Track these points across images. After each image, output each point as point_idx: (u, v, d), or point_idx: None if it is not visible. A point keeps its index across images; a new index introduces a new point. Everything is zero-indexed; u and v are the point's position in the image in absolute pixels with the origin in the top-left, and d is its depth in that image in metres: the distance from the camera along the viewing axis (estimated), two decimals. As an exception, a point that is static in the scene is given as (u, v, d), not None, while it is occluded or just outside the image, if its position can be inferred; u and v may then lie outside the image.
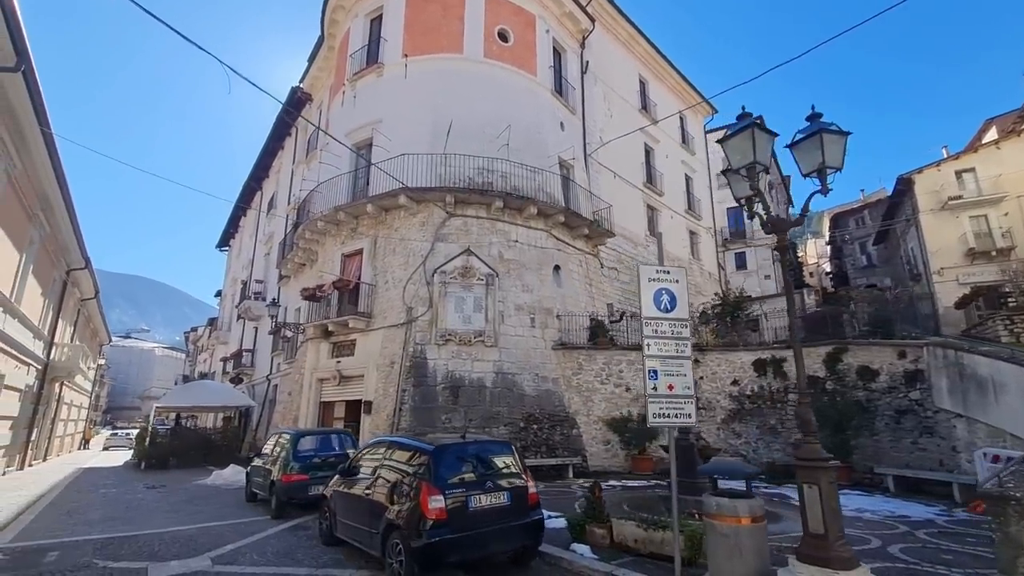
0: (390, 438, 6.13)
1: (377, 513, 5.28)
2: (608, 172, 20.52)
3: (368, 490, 5.58)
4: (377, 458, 5.90)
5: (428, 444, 5.28)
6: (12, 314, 12.73)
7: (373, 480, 5.63)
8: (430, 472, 4.92)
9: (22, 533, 7.10)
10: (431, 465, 4.98)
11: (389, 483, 5.38)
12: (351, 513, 5.91)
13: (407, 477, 5.20)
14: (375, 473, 5.71)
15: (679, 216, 25.50)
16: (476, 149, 14.80)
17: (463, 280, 13.48)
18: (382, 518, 5.14)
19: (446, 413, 12.27)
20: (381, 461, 5.72)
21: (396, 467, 5.47)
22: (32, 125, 9.79)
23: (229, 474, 12.77)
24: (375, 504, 5.37)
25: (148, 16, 6.00)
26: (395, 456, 5.60)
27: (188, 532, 7.21)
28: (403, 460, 5.44)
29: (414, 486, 4.98)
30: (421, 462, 5.13)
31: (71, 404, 26.94)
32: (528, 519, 5.26)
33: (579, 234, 16.85)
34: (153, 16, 6.21)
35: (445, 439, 5.59)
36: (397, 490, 5.20)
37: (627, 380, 14.01)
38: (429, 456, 5.07)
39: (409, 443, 5.59)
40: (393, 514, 5.02)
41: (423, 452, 5.19)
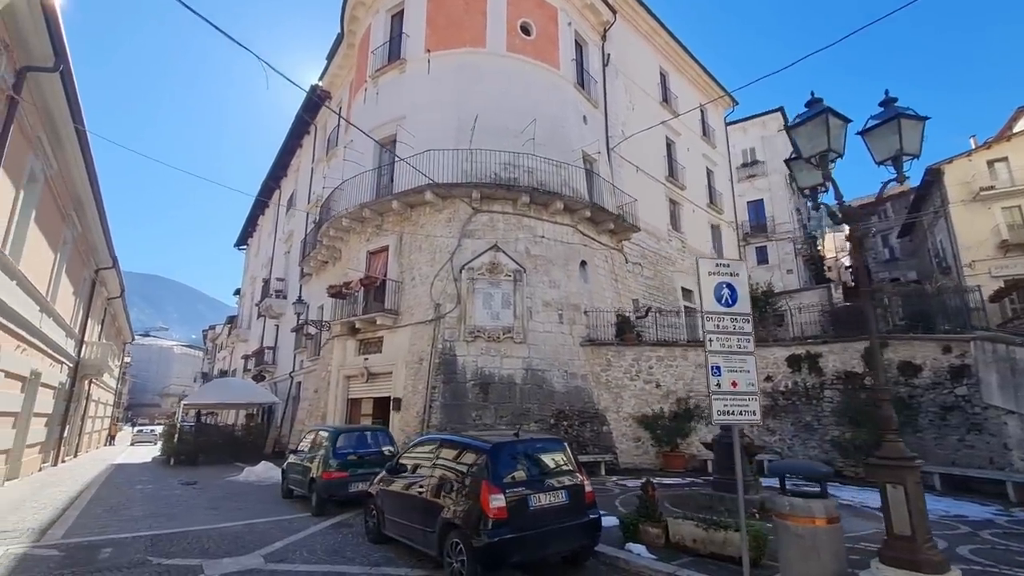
0: (441, 436, 6.06)
1: (432, 512, 5.21)
2: (630, 166, 20.28)
3: (420, 488, 5.51)
4: (428, 456, 5.83)
5: (484, 442, 5.19)
6: (48, 313, 12.91)
7: (425, 478, 5.56)
8: (488, 470, 4.84)
9: (71, 529, 7.16)
10: (489, 463, 4.89)
11: (444, 481, 5.30)
12: (402, 511, 5.85)
13: (463, 475, 5.12)
14: (427, 471, 5.63)
15: (701, 210, 25.16)
16: (500, 144, 14.67)
17: (491, 276, 13.38)
18: (438, 517, 5.06)
19: (476, 410, 12.21)
20: (433, 459, 5.65)
21: (450, 465, 5.39)
22: (67, 124, 9.87)
23: (261, 471, 12.84)
24: (429, 503, 5.30)
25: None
26: (448, 454, 5.52)
27: (234, 529, 7.22)
28: (457, 458, 5.36)
29: (472, 485, 4.90)
30: (478, 460, 5.04)
31: (99, 401, 27.43)
32: (586, 518, 5.16)
33: (604, 229, 16.66)
34: (194, 12, 6.16)
35: (499, 437, 5.50)
36: (453, 489, 5.12)
37: (657, 376, 13.84)
38: (486, 454, 4.98)
39: (463, 441, 5.50)
40: (450, 513, 4.94)
41: (480, 450, 5.11)
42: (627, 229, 17.26)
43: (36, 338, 12.19)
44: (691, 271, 22.91)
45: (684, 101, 24.70)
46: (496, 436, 5.60)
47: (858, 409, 11.34)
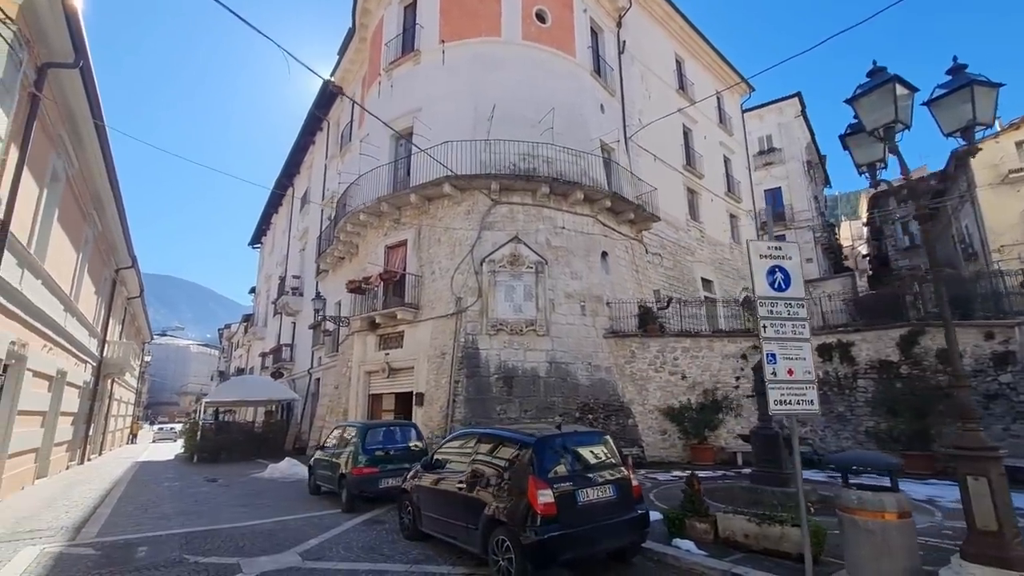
0: (479, 430, 5.88)
1: (474, 508, 5.04)
2: (648, 155, 19.94)
3: (460, 484, 5.35)
4: (466, 451, 5.66)
5: (528, 435, 5.01)
6: (72, 312, 12.96)
7: (464, 474, 5.39)
8: (534, 465, 4.65)
9: (105, 527, 7.12)
10: (533, 457, 4.70)
11: (485, 477, 5.13)
12: (440, 507, 5.70)
13: (506, 470, 4.95)
14: (466, 466, 5.47)
15: (719, 199, 24.73)
16: (518, 134, 14.43)
17: (512, 268, 13.18)
18: (481, 514, 4.90)
19: (501, 404, 12.05)
20: (472, 454, 5.48)
21: (491, 460, 5.22)
22: (87, 121, 9.82)
23: (285, 467, 12.82)
24: (470, 499, 5.14)
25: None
26: (488, 449, 5.35)
27: (266, 526, 7.14)
28: (499, 453, 5.19)
29: (516, 480, 4.73)
30: (521, 455, 4.86)
31: (120, 400, 27.76)
32: (635, 513, 4.96)
33: (624, 219, 16.38)
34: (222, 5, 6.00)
35: (541, 430, 5.31)
36: (496, 484, 4.95)
37: (682, 368, 13.57)
38: (530, 448, 4.79)
39: (504, 435, 5.32)
40: (495, 510, 4.77)
41: (524, 444, 4.92)
42: (647, 219, 16.95)
43: (61, 337, 12.23)
44: (710, 261, 22.55)
45: (700, 88, 24.22)
46: (537, 429, 5.41)
47: (895, 398, 11.00)
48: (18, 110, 7.59)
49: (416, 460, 8.65)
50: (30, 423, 10.77)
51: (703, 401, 13.10)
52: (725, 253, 24.15)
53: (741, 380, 13.31)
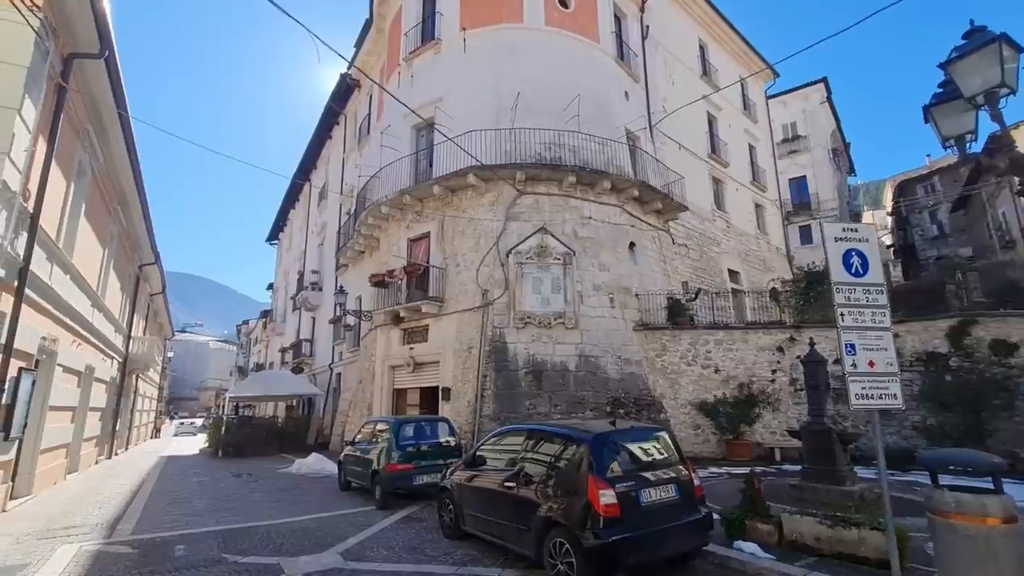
0: (528, 426, 5.59)
1: (525, 509, 4.77)
2: (672, 143, 19.42)
3: (508, 483, 5.08)
4: (513, 448, 5.39)
5: (583, 432, 4.71)
6: (99, 308, 12.96)
7: (513, 472, 5.12)
8: (592, 463, 4.36)
9: (140, 524, 7.01)
10: (591, 455, 4.41)
11: (537, 476, 4.86)
12: (486, 507, 5.44)
13: (561, 469, 4.67)
14: (514, 464, 5.20)
15: (744, 188, 24.10)
16: (542, 122, 14.06)
17: (539, 260, 12.87)
18: (533, 515, 4.63)
19: (530, 398, 11.78)
20: (521, 451, 5.20)
21: (543, 458, 4.94)
22: (112, 115, 9.73)
23: (312, 462, 12.72)
24: (521, 499, 4.87)
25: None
26: (539, 446, 5.07)
27: (302, 524, 6.96)
28: (551, 450, 4.91)
29: (573, 479, 4.44)
30: (577, 452, 4.57)
31: (144, 395, 28.10)
32: (699, 515, 4.65)
33: (651, 209, 15.95)
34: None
35: (596, 426, 5.01)
36: (550, 483, 4.67)
37: (715, 361, 13.16)
38: (587, 445, 4.50)
39: (557, 431, 5.03)
40: (550, 510, 4.49)
41: (579, 441, 4.63)
42: (675, 208, 16.49)
43: (89, 333, 12.23)
44: (736, 252, 21.99)
45: (724, 75, 23.57)
46: (592, 425, 5.12)
47: (945, 392, 10.50)
48: (45, 101, 7.46)
49: (450, 456, 8.46)
50: (61, 419, 10.77)
51: (738, 395, 12.69)
52: (751, 244, 23.56)
53: (777, 373, 12.87)
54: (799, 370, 12.81)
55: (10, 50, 6.49)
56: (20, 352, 7.63)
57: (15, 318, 7.08)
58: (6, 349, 6.94)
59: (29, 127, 6.85)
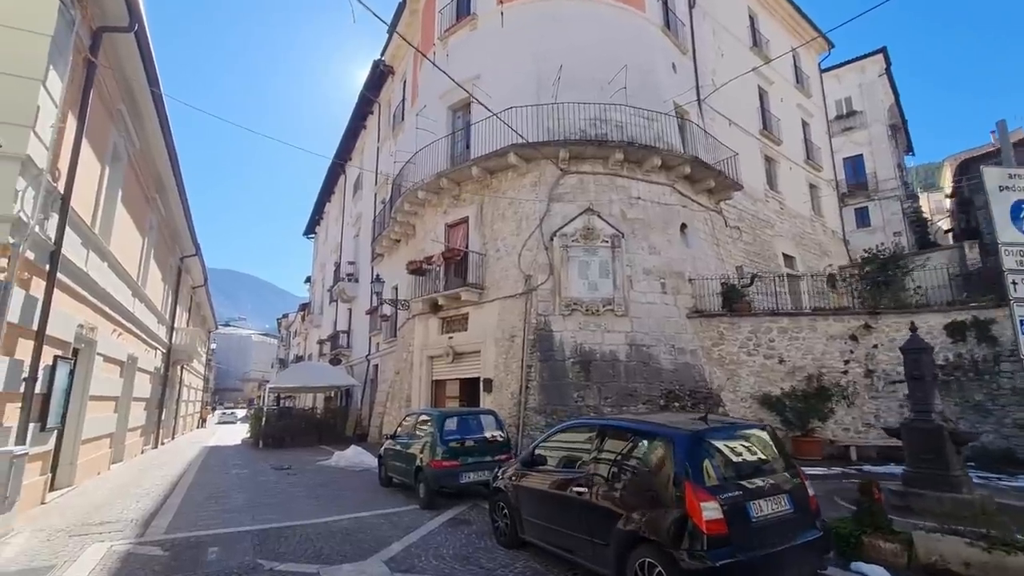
0: (601, 421, 4.82)
1: (601, 519, 4.04)
2: (722, 119, 18.14)
3: (579, 488, 4.34)
4: (582, 446, 4.65)
5: (675, 429, 3.92)
6: (140, 298, 12.89)
7: (583, 474, 4.38)
8: (687, 468, 3.57)
9: (175, 521, 6.64)
10: (686, 458, 3.62)
11: (615, 480, 4.10)
12: (550, 514, 4.73)
13: (646, 473, 3.90)
14: (584, 465, 4.46)
15: (798, 167, 22.50)
16: (585, 97, 13.14)
17: (586, 243, 12.03)
18: (613, 527, 3.88)
19: (578, 390, 11.01)
20: (593, 450, 4.45)
21: (623, 459, 4.17)
22: (144, 92, 9.38)
23: (351, 455, 12.35)
24: (595, 507, 4.13)
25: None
26: (616, 445, 4.30)
27: (341, 524, 6.44)
28: (633, 450, 4.13)
29: (663, 486, 3.66)
30: (668, 454, 3.78)
31: (190, 386, 28.73)
32: (817, 532, 3.80)
33: (702, 188, 14.82)
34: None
35: (685, 421, 4.21)
36: (632, 490, 3.92)
37: (779, 351, 12.06)
38: (680, 445, 3.71)
39: (639, 428, 4.25)
40: (635, 523, 3.73)
41: (667, 439, 3.84)
42: (728, 186, 15.29)
43: (130, 323, 12.15)
44: (791, 235, 20.51)
45: (775, 45, 21.98)
46: (678, 421, 4.32)
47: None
48: (73, 76, 7.10)
49: (498, 452, 7.80)
50: (104, 408, 10.68)
51: (806, 388, 11.57)
52: (806, 227, 21.99)
53: (850, 364, 11.67)
54: (876, 360, 11.63)
55: (33, 17, 6.11)
56: (55, 340, 7.37)
57: (47, 303, 6.78)
58: (38, 336, 6.64)
59: (55, 100, 6.49)
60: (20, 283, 6.22)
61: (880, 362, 11.51)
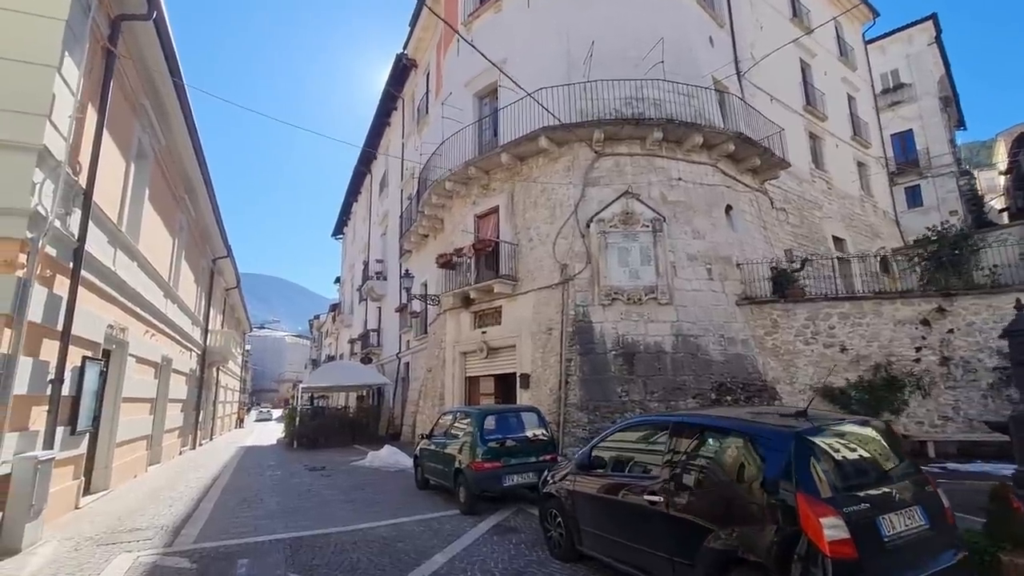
0: (673, 417, 4.11)
1: (683, 534, 3.41)
2: (763, 95, 17.04)
3: (652, 496, 3.71)
4: (653, 447, 4.02)
5: (772, 427, 3.25)
6: (172, 299, 12.81)
7: (656, 480, 3.75)
8: (797, 475, 2.90)
9: (205, 528, 6.30)
10: (793, 462, 2.95)
11: (697, 488, 3.46)
12: (616, 525, 4.13)
13: (739, 480, 3.24)
14: (657, 469, 3.83)
15: (844, 144, 21.12)
16: (618, 76, 12.40)
17: (625, 228, 11.31)
18: (700, 544, 3.24)
19: (622, 384, 10.34)
20: (667, 452, 3.81)
21: (704, 463, 3.53)
22: (167, 83, 9.12)
23: (386, 455, 11.99)
24: (675, 519, 3.50)
25: None
26: (697, 445, 3.65)
27: (379, 532, 5.97)
28: (719, 452, 3.48)
29: (766, 497, 3.01)
30: (765, 457, 3.12)
31: (226, 387, 29.15)
32: (958, 553, 3.08)
33: (746, 167, 13.86)
34: None
35: (771, 416, 3.54)
36: (722, 500, 3.27)
37: (841, 338, 11.09)
38: (783, 447, 3.04)
39: (725, 425, 3.58)
40: (728, 541, 3.10)
41: (764, 439, 3.18)
42: (774, 165, 14.28)
43: (163, 324, 12.06)
44: (840, 216, 19.24)
45: (817, 15, 20.60)
46: (767, 416, 3.64)
47: None
48: (92, 66, 6.83)
49: (542, 452, 7.22)
50: (138, 411, 10.56)
51: (872, 379, 10.59)
52: (855, 207, 20.62)
53: (923, 352, 10.62)
54: (952, 346, 10.57)
55: (45, 1, 5.82)
56: (83, 340, 7.15)
57: (72, 302, 6.53)
58: (64, 336, 6.39)
59: (72, 89, 6.20)
60: (42, 281, 5.96)
61: (957, 348, 10.43)
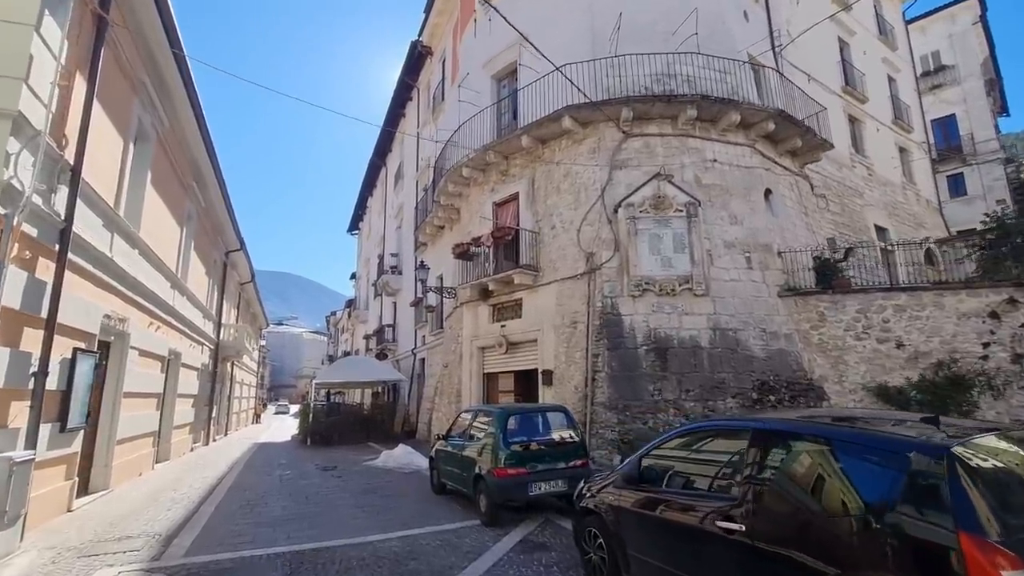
0: (753, 423, 3.19)
1: (776, 573, 2.62)
2: (800, 75, 15.93)
3: (725, 521, 2.93)
4: (721, 458, 3.24)
5: (907, 438, 2.45)
6: (180, 291, 12.35)
7: (741, 503, 2.96)
8: (952, 508, 2.10)
9: (200, 538, 5.70)
10: (947, 489, 2.15)
11: (795, 517, 2.67)
12: (676, 555, 3.35)
13: (857, 510, 2.44)
14: (731, 487, 3.04)
15: (885, 128, 19.83)
16: (645, 51, 11.53)
17: (656, 213, 10.46)
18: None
19: (654, 382, 9.52)
20: (745, 466, 3.02)
21: (806, 484, 2.73)
22: (168, 59, 8.54)
23: (400, 454, 11.36)
24: (765, 555, 2.71)
25: None
26: (788, 460, 2.86)
27: (390, 546, 5.29)
28: (825, 470, 2.68)
29: (902, 534, 2.21)
30: (898, 478, 2.32)
31: (242, 383, 28.96)
32: None
33: (786, 149, 12.87)
34: None
35: (878, 422, 2.74)
36: (834, 536, 2.47)
37: (897, 333, 10.08)
38: (932, 467, 2.24)
39: (831, 434, 2.77)
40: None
41: (895, 455, 2.38)
42: (815, 146, 13.24)
43: (171, 316, 11.60)
44: (882, 204, 18.03)
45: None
46: (877, 422, 2.83)
47: None
48: (80, 31, 6.26)
49: (572, 457, 6.46)
50: (143, 406, 10.08)
51: (934, 378, 9.58)
52: (897, 195, 19.36)
53: (991, 348, 9.56)
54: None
55: (20, -49, 5.23)
56: (73, 330, 6.61)
57: (58, 287, 5.97)
58: (48, 324, 5.83)
59: (54, 53, 5.62)
60: (20, 263, 5.39)
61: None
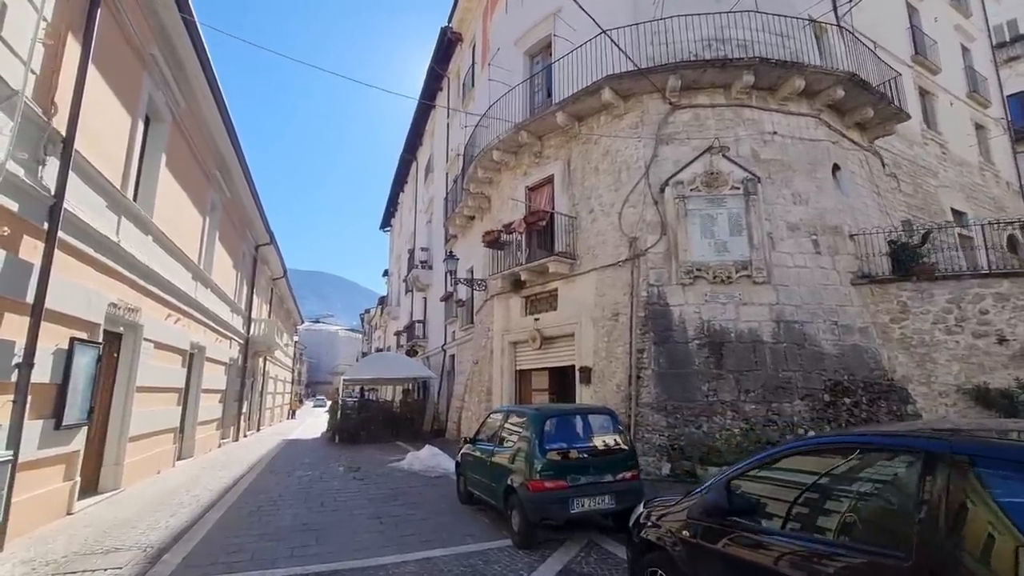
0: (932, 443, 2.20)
1: None
2: (865, 42, 14.33)
3: (857, 567, 1.92)
4: (874, 490, 2.22)
5: None
6: (203, 282, 11.96)
7: (917, 560, 1.95)
8: None
9: (193, 553, 5.03)
10: None
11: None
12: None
13: None
14: (918, 538, 2.02)
15: (959, 102, 17.85)
16: (697, 11, 10.37)
17: (709, 191, 9.31)
18: None
19: (708, 381, 8.41)
20: (929, 505, 2.00)
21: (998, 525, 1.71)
22: (181, 33, 8.00)
23: (426, 456, 10.60)
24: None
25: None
26: (1001, 496, 1.84)
27: (405, 571, 4.47)
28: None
29: None
30: None
31: (276, 378, 29.05)
32: None
33: (853, 121, 11.45)
34: None
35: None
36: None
37: (999, 326, 8.62)
38: None
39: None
40: None
41: None
42: (888, 118, 11.76)
43: (193, 308, 11.20)
44: (958, 186, 16.17)
45: (924, -49, 17.47)
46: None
47: None
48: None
49: (619, 468, 5.47)
50: (161, 401, 9.66)
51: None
52: (975, 176, 17.39)
53: (1121, 344, 8.02)
54: None
55: None
56: (70, 318, 6.08)
57: (46, 269, 5.42)
58: (35, 310, 5.28)
59: (35, 5, 5.04)
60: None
61: None
